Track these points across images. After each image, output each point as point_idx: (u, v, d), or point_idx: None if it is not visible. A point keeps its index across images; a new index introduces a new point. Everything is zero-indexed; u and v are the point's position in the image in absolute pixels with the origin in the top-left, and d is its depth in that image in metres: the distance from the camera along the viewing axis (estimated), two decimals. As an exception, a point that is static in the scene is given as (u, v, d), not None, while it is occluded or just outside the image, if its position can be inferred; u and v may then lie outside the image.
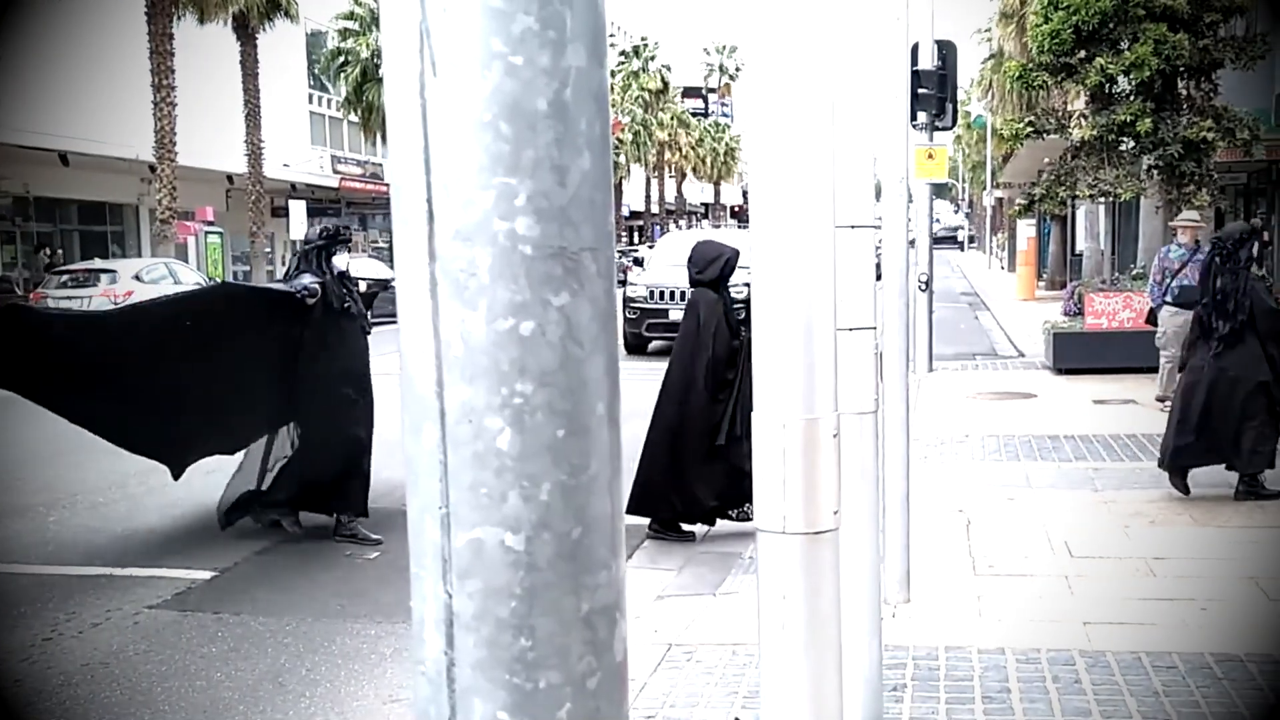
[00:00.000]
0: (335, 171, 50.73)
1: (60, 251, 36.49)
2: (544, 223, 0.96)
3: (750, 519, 8.28)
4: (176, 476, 9.10)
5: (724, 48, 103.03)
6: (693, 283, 8.94)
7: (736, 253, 8.77)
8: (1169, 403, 13.64)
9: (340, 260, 8.85)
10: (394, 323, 1.04)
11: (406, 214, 0.98)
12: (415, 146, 0.97)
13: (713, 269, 8.79)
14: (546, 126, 0.96)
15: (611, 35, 76.61)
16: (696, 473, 8.46)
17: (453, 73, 0.95)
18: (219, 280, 27.79)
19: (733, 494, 8.42)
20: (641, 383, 10.40)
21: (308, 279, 8.54)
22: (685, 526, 8.71)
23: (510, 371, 0.97)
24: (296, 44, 48.45)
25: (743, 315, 7.98)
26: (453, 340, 0.97)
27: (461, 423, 0.98)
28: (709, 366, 8.49)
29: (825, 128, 2.91)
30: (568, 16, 0.96)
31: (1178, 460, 9.15)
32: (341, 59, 49.14)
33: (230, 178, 42.32)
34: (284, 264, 44.95)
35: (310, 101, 52.62)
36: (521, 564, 0.98)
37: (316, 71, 52.13)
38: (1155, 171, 19.56)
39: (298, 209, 42.52)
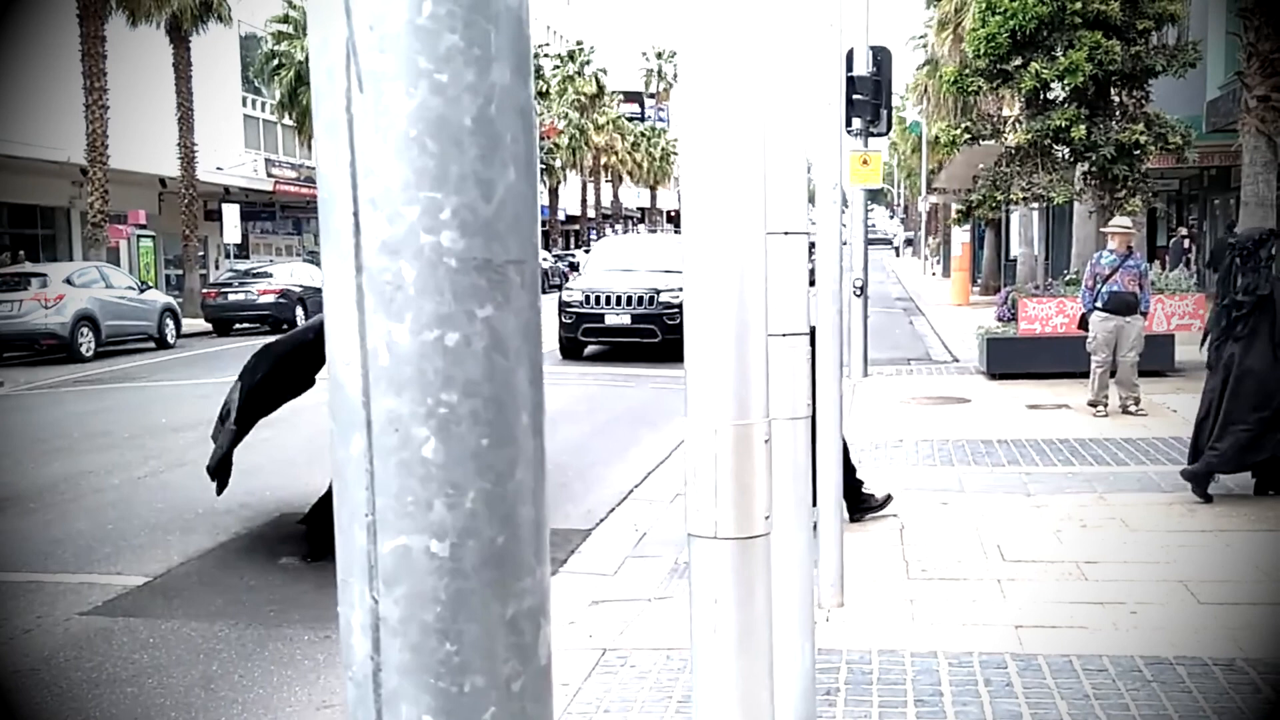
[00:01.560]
0: (270, 175, 50.40)
1: (22, 253, 36.01)
2: (469, 236, 0.98)
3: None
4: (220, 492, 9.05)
5: (662, 52, 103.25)
6: None
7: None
8: (1100, 407, 13.86)
9: None
10: None
11: (333, 226, 1.00)
12: (342, 160, 0.98)
13: None
14: (472, 142, 0.98)
15: (546, 44, 76.45)
16: None
17: (379, 89, 0.96)
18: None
19: None
20: (577, 387, 10.44)
21: None
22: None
23: (436, 381, 0.99)
24: (230, 47, 48.11)
25: None
26: (379, 350, 0.99)
27: (388, 432, 0.99)
28: None
29: (757, 134, 2.94)
30: (493, 35, 0.98)
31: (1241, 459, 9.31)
32: (275, 62, 48.84)
33: (163, 181, 41.95)
34: (217, 268, 44.67)
35: (244, 105, 52.26)
36: (447, 570, 1.00)
37: (251, 75, 51.77)
38: (1089, 176, 19.81)
39: (231, 213, 42.27)
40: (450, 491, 0.99)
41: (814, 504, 5.40)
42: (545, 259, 61.64)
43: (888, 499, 9.11)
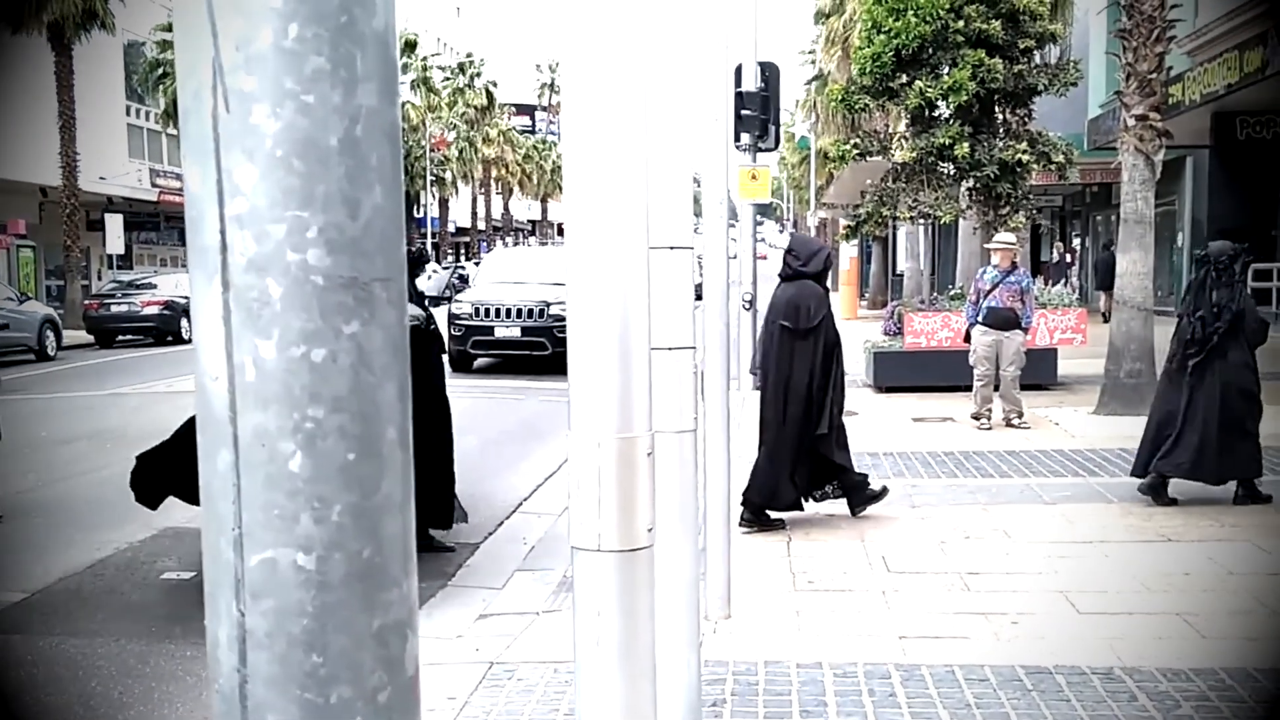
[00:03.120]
0: (154, 185, 49.60)
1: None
2: (336, 254, 1.00)
3: (830, 498, 9.35)
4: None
5: (554, 65, 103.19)
6: (795, 274, 9.20)
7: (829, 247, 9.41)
8: (984, 420, 14.10)
9: (420, 282, 8.84)
10: None
11: (201, 243, 1.01)
12: (209, 179, 0.99)
13: (816, 261, 9.24)
14: (338, 162, 1.00)
15: (437, 54, 76.02)
16: (804, 458, 9.06)
17: (246, 109, 0.98)
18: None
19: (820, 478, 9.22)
20: (467, 400, 10.41)
21: (414, 309, 8.43)
22: (773, 515, 9.22)
23: (302, 397, 1.00)
24: (114, 55, 47.30)
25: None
26: (246, 366, 1.00)
27: (255, 446, 1.01)
28: (826, 353, 9.03)
29: (640, 149, 2.97)
30: (359, 57, 1.00)
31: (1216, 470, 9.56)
32: (160, 71, 48.11)
33: (44, 190, 41.14)
34: (99, 278, 43.86)
35: (128, 114, 51.39)
36: (313, 583, 1.02)
37: (135, 83, 50.95)
38: (973, 193, 20.14)
39: (114, 223, 41.55)
40: (317, 505, 1.00)
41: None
42: (435, 272, 61.28)
43: (884, 490, 9.50)
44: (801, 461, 9.02)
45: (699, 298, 6.59)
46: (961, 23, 19.10)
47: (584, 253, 2.99)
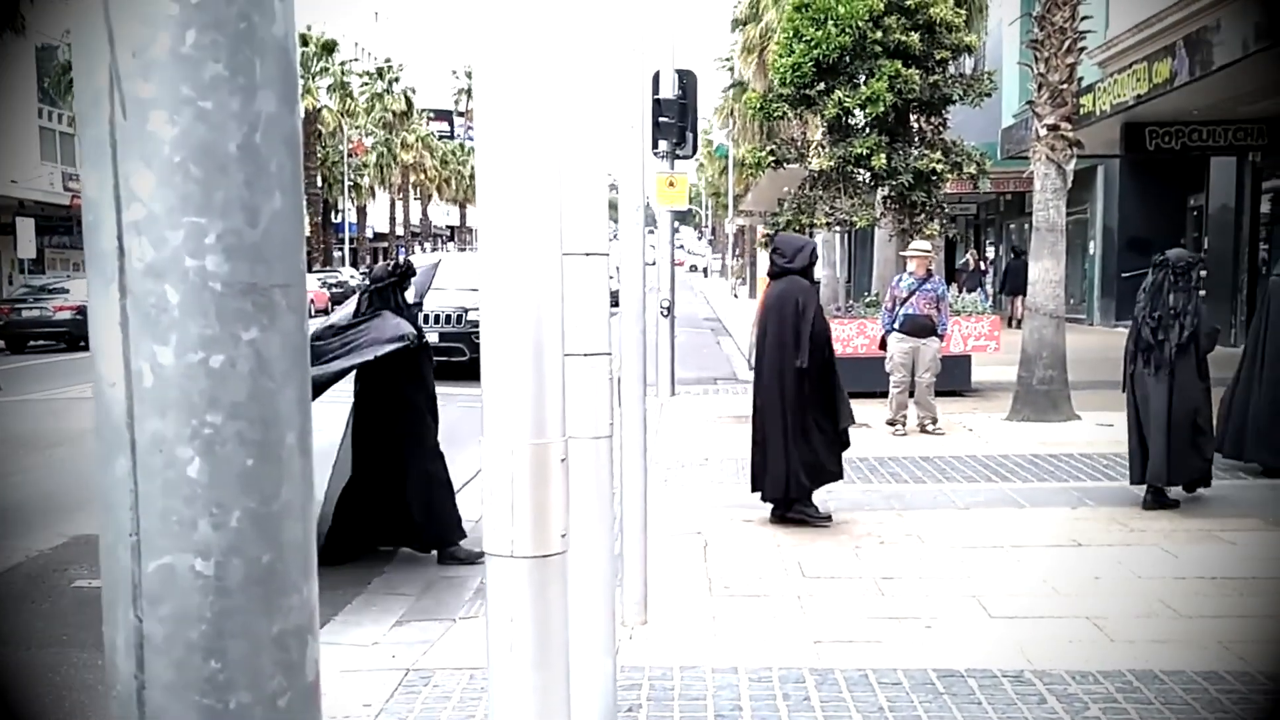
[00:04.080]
0: (67, 189, 48.85)
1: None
2: (234, 260, 1.00)
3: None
4: None
5: (472, 71, 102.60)
6: (782, 272, 9.45)
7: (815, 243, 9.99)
8: (899, 426, 14.22)
9: (410, 293, 8.75)
10: None
11: (99, 249, 1.01)
12: (106, 185, 0.99)
13: (801, 257, 9.49)
14: (237, 169, 1.00)
15: (355, 59, 75.36)
16: (803, 450, 9.26)
17: (143, 115, 0.97)
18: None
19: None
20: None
21: (406, 325, 8.30)
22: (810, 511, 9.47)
23: (201, 403, 1.00)
24: (26, 58, 46.55)
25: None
26: (144, 372, 1.00)
27: (152, 452, 1.00)
28: (817, 346, 9.23)
29: (554, 156, 2.98)
30: (258, 64, 1.00)
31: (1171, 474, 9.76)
32: (71, 74, 47.38)
33: (-46, 194, 40.42)
34: (10, 283, 43.14)
35: (40, 116, 50.59)
36: (212, 589, 1.02)
37: (47, 86, 50.18)
38: (888, 201, 20.31)
39: (25, 226, 40.86)
40: (215, 511, 1.00)
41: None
42: (352, 277, 60.91)
43: (828, 517, 9.52)
44: (799, 446, 9.22)
45: (616, 304, 6.61)
46: (880, 33, 19.26)
47: (497, 258, 2.99)
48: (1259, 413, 10.97)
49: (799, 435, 9.20)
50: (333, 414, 8.28)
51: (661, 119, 15.80)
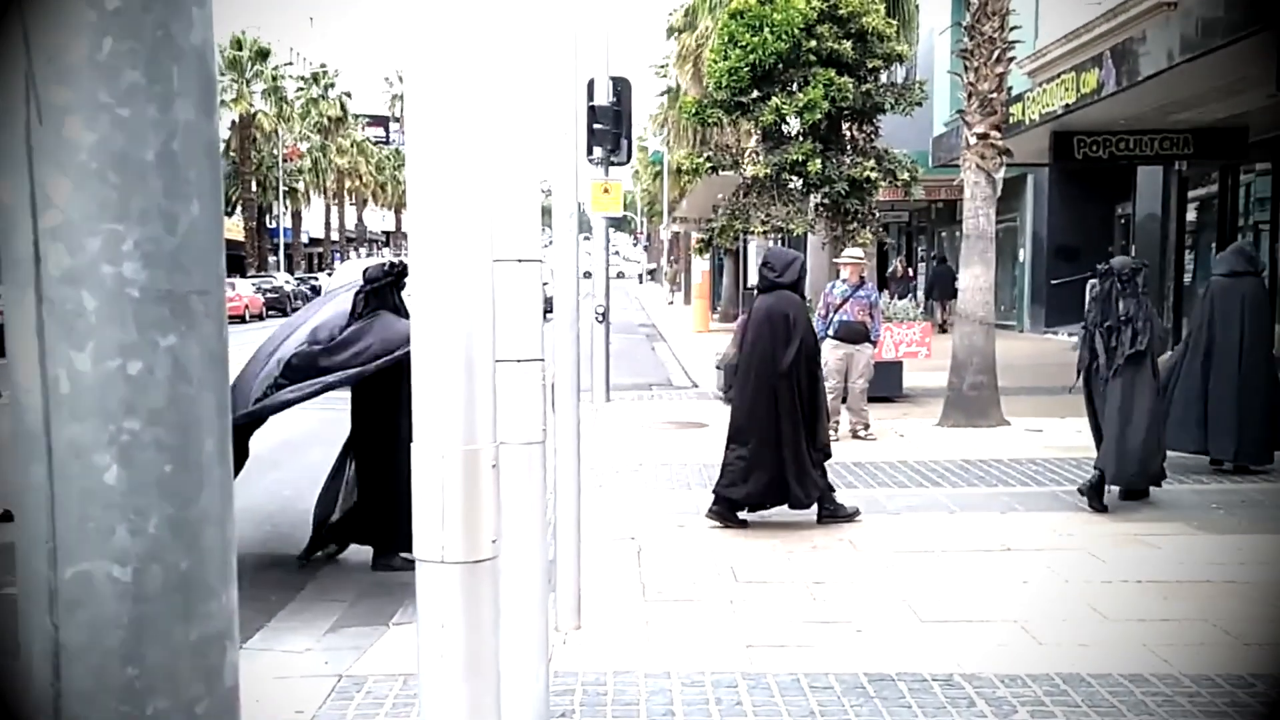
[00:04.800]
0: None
1: None
2: (152, 267, 1.00)
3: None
4: None
5: (403, 75, 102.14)
6: (772, 285, 9.59)
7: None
8: (833, 432, 14.28)
9: (406, 293, 8.68)
10: None
11: (14, 255, 1.01)
12: (22, 191, 0.99)
13: (791, 271, 9.63)
14: (155, 176, 1.00)
15: (289, 63, 74.90)
16: (801, 459, 9.35)
17: (59, 121, 0.97)
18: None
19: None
20: (317, 412, 10.29)
21: (408, 326, 8.20)
22: (740, 515, 9.57)
23: (118, 409, 1.00)
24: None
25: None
26: (60, 379, 0.99)
27: (69, 459, 1.00)
28: (806, 358, 9.37)
29: (484, 161, 2.98)
30: (176, 72, 1.00)
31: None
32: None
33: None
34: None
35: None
36: (129, 595, 1.01)
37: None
38: (821, 209, 20.41)
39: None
40: (133, 517, 1.00)
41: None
42: (287, 282, 60.49)
43: (856, 511, 9.68)
44: (789, 458, 9.32)
45: (551, 310, 6.62)
46: (814, 42, 19.36)
47: (427, 264, 2.99)
48: (1222, 409, 11.35)
49: (790, 445, 9.28)
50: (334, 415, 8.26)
51: (596, 126, 15.81)
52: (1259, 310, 11.81)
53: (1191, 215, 24.75)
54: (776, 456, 9.30)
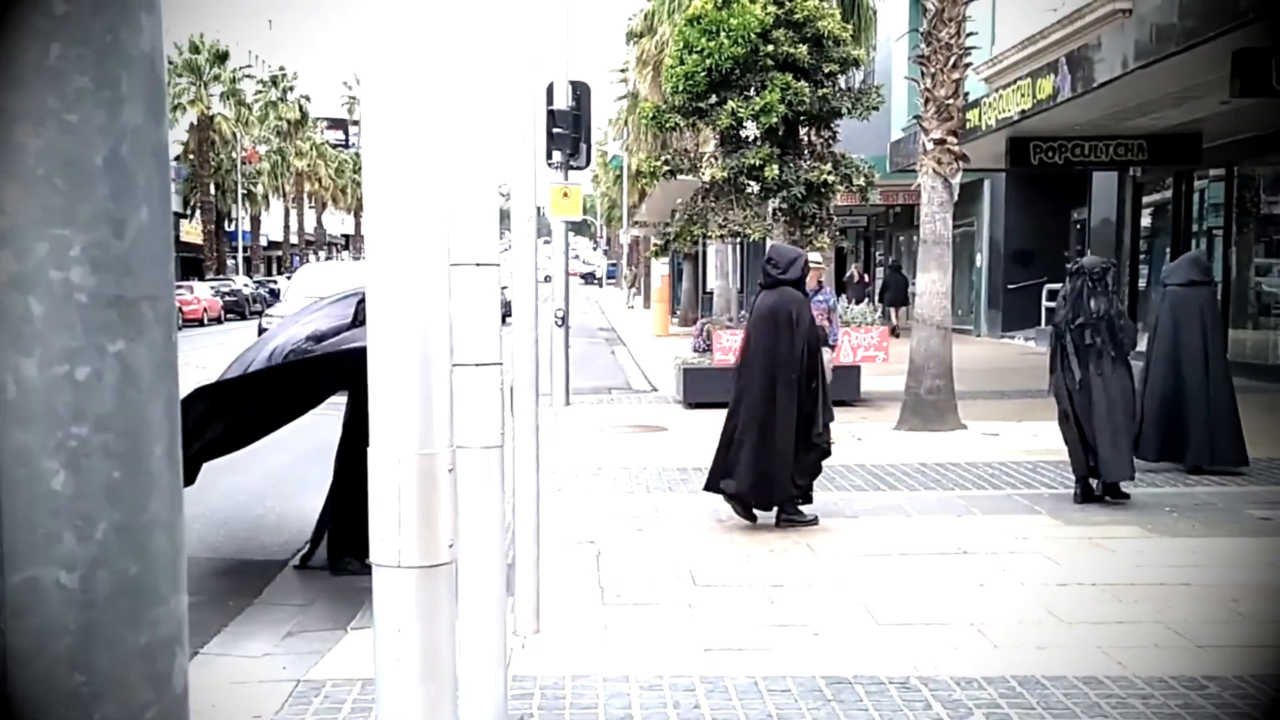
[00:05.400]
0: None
1: None
2: (100, 272, 1.00)
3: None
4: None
5: (360, 78, 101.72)
6: (775, 282, 9.61)
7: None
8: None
9: None
10: None
11: (-40, 262, 1.00)
12: (-33, 197, 0.98)
13: (794, 269, 9.65)
14: (103, 181, 1.00)
15: (248, 65, 74.62)
16: (794, 457, 9.42)
17: (6, 126, 0.97)
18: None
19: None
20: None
21: None
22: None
23: (66, 415, 1.00)
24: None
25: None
26: (7, 384, 0.99)
27: (16, 465, 1.00)
28: (805, 355, 9.39)
29: (441, 165, 2.98)
30: (124, 78, 1.00)
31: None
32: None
33: None
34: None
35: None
36: (77, 601, 1.01)
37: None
38: (779, 213, 20.48)
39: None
40: (80, 523, 1.00)
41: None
42: (246, 285, 60.21)
43: (815, 520, 9.68)
44: (787, 456, 9.39)
45: (509, 315, 6.61)
46: (771, 46, 19.44)
47: (384, 268, 2.99)
48: (1195, 418, 11.59)
49: (790, 439, 9.36)
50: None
51: (556, 130, 15.79)
52: (1216, 319, 12.17)
53: (1146, 220, 24.98)
54: (770, 452, 9.33)
